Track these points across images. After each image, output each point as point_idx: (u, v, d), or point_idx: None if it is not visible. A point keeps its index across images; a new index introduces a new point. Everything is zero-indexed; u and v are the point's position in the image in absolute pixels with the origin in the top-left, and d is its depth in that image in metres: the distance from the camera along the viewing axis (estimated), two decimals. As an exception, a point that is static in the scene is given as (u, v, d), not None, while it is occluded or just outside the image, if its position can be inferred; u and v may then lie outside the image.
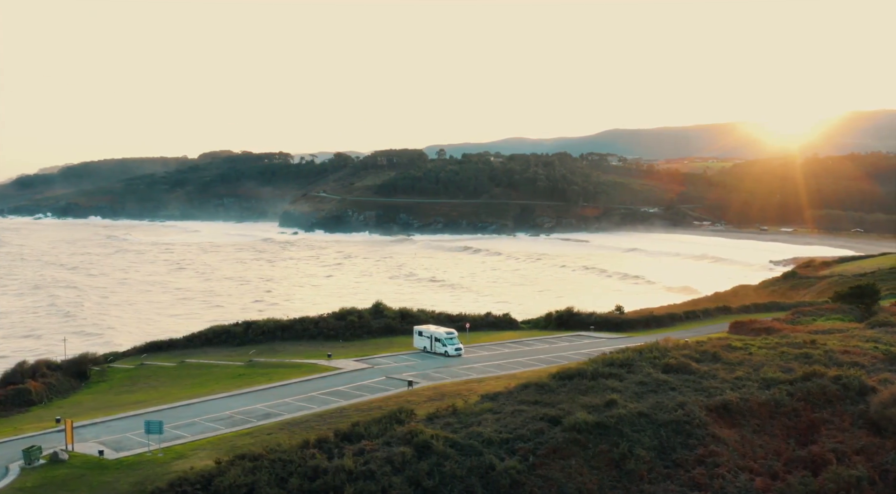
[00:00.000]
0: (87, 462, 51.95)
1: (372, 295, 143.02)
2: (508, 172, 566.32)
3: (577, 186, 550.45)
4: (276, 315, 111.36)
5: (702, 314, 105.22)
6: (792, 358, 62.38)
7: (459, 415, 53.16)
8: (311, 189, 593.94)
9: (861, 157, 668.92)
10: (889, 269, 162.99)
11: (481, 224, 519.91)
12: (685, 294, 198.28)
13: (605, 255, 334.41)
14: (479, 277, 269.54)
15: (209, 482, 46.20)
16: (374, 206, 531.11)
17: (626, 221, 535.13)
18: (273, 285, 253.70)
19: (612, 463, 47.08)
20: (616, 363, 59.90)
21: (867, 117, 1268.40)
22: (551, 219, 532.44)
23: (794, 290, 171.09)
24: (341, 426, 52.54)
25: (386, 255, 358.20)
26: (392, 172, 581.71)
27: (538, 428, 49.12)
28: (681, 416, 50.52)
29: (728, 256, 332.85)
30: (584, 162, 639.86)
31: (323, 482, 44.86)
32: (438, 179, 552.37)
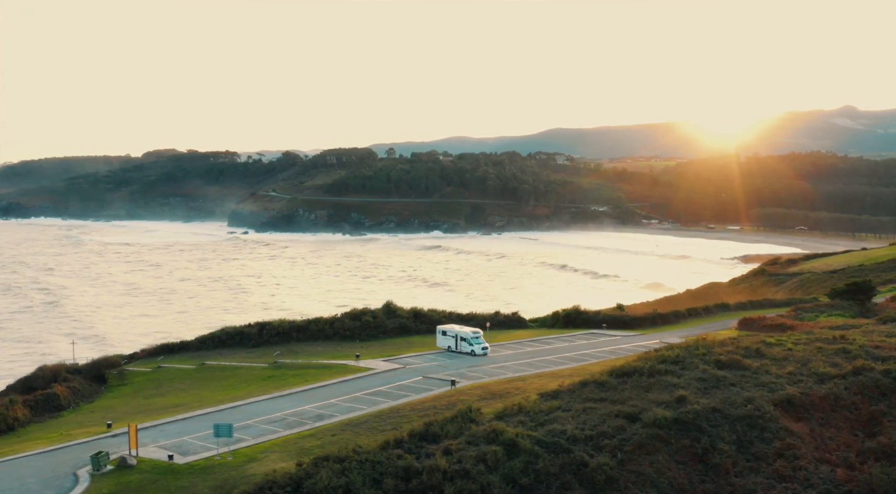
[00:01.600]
0: (156, 467, 51.28)
1: (361, 295, 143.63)
2: (459, 171, 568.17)
3: (527, 185, 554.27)
4: (268, 316, 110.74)
5: (703, 312, 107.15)
6: (832, 353, 64.12)
7: (529, 414, 53.58)
8: (260, 188, 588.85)
9: (801, 156, 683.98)
10: (857, 266, 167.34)
11: (433, 223, 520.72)
12: (659, 291, 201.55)
13: (570, 253, 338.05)
14: (454, 275, 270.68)
15: (299, 484, 45.93)
16: (325, 205, 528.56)
17: (576, 219, 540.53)
18: (258, 284, 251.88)
19: (695, 458, 48.05)
20: (668, 359, 60.92)
21: (801, 118, 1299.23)
22: (503, 218, 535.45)
23: (766, 287, 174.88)
24: (413, 427, 52.56)
25: (355, 254, 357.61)
26: (342, 171, 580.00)
27: (618, 425, 49.84)
28: (752, 411, 51.73)
29: (686, 253, 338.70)
30: (532, 161, 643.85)
31: (419, 482, 44.96)
32: (390, 178, 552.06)
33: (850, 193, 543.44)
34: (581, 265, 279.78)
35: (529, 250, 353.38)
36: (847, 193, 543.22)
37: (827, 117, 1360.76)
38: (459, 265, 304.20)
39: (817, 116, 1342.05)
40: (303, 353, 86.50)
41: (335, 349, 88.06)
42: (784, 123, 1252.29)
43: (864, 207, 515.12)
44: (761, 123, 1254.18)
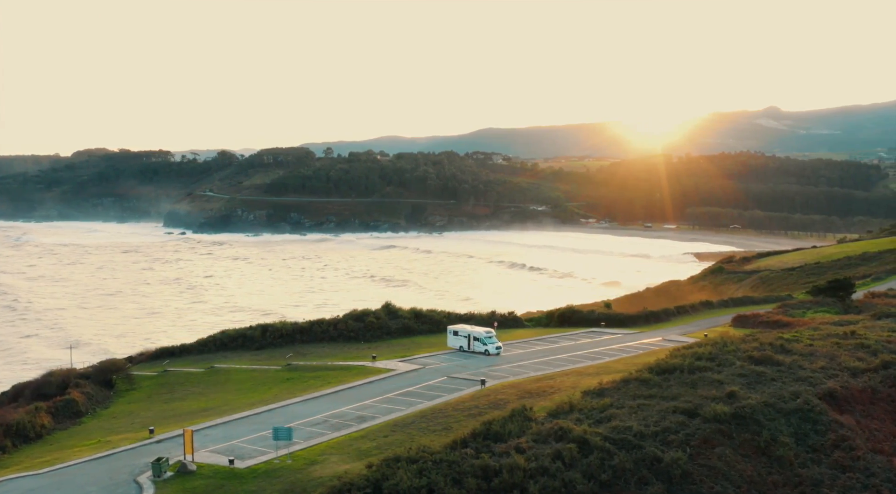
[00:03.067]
0: (218, 472, 50.86)
1: (331, 295, 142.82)
2: (399, 171, 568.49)
3: (467, 184, 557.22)
4: (244, 317, 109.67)
5: (690, 309, 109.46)
6: (851, 349, 66.50)
7: (583, 411, 54.49)
8: (196, 188, 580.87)
9: (731, 156, 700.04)
10: (814, 264, 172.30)
11: (374, 223, 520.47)
12: (617, 289, 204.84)
13: (522, 252, 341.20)
14: (420, 275, 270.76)
15: (378, 485, 46.02)
16: (264, 205, 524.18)
17: (516, 219, 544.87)
18: (221, 285, 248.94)
19: (758, 451, 49.55)
20: (704, 356, 62.54)
21: (727, 118, 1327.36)
22: (443, 217, 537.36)
23: (725, 285, 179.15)
24: (474, 426, 52.92)
25: (311, 255, 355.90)
26: (280, 170, 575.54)
27: (679, 421, 51.09)
28: (802, 404, 53.51)
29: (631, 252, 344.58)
30: (470, 161, 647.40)
31: (501, 480, 45.48)
32: (329, 177, 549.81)
33: (780, 192, 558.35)
34: (537, 264, 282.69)
35: (481, 250, 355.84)
36: (777, 192, 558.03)
37: (752, 118, 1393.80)
38: (419, 265, 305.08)
39: (743, 117, 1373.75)
40: (311, 355, 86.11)
41: (343, 350, 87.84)
42: (711, 123, 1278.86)
43: (795, 206, 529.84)
44: (689, 123, 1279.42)
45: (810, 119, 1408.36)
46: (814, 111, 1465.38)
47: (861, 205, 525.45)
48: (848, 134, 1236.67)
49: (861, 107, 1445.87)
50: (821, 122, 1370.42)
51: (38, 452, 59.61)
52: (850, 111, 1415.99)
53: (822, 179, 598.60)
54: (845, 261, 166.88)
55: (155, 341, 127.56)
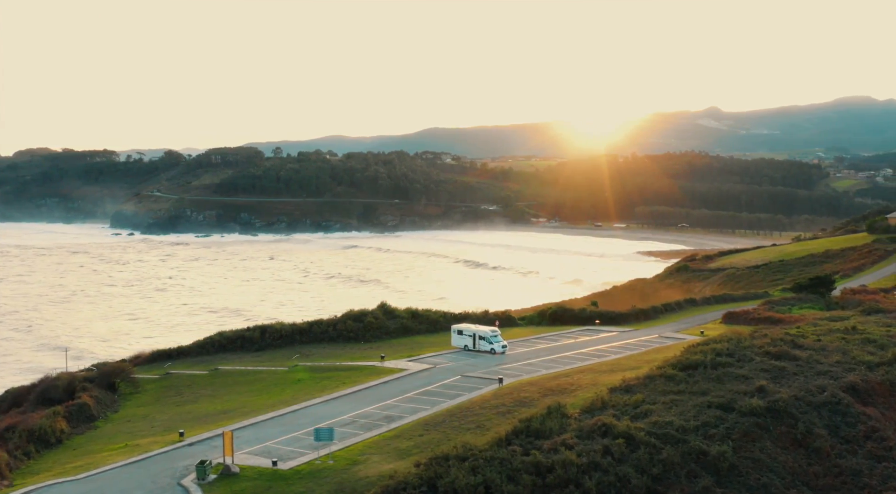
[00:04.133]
0: (262, 474, 50.74)
1: (306, 296, 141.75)
2: (349, 170, 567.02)
3: (418, 184, 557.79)
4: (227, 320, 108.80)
5: (675, 307, 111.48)
6: (858, 343, 68.58)
7: (617, 407, 55.40)
8: (143, 188, 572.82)
9: (676, 156, 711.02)
10: (778, 261, 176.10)
11: (325, 223, 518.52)
12: (584, 287, 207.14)
13: (480, 251, 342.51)
14: (388, 274, 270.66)
15: (433, 484, 46.37)
16: (213, 205, 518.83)
17: (467, 218, 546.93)
18: (192, 287, 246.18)
19: (795, 443, 51.00)
20: (723, 352, 63.95)
21: (669, 118, 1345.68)
22: (395, 217, 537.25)
23: (691, 282, 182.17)
24: (515, 424, 53.39)
25: (272, 254, 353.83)
26: (229, 170, 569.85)
27: (716, 415, 52.32)
28: (829, 398, 55.20)
29: (588, 250, 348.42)
30: (420, 161, 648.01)
31: (555, 476, 46.15)
32: (279, 177, 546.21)
33: (726, 191, 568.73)
34: (500, 263, 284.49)
35: (441, 249, 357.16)
36: (723, 191, 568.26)
37: (693, 118, 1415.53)
38: (385, 264, 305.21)
39: (684, 117, 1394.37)
40: (314, 356, 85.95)
41: (345, 350, 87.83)
42: (653, 123, 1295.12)
43: (740, 205, 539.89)
44: (631, 123, 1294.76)
45: (750, 119, 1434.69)
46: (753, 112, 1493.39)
47: (804, 204, 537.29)
48: (786, 134, 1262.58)
49: (799, 107, 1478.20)
50: (760, 122, 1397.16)
51: (64, 457, 58.75)
52: (789, 112, 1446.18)
53: (766, 178, 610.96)
54: (809, 259, 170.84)
55: (140, 343, 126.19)
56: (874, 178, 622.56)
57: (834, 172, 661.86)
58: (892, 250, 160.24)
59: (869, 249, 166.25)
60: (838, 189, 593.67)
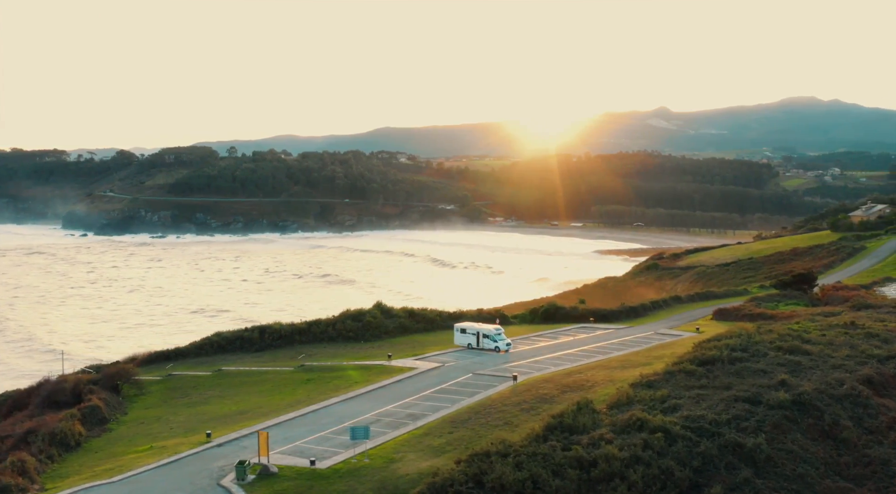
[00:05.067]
0: (301, 473, 50.77)
1: (286, 295, 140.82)
2: (306, 170, 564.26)
3: (375, 184, 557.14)
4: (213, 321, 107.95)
5: (663, 304, 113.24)
6: (862, 338, 70.41)
7: (642, 402, 56.24)
8: (96, 189, 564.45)
9: (629, 155, 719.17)
10: (748, 259, 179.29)
11: (282, 223, 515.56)
12: (552, 285, 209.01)
13: (446, 251, 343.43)
14: (361, 273, 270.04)
15: (478, 480, 46.87)
16: (168, 205, 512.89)
17: (425, 218, 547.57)
18: (175, 287, 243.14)
19: (823, 434, 52.36)
20: (737, 347, 65.28)
21: (619, 118, 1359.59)
22: (352, 217, 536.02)
23: (663, 280, 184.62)
24: (548, 420, 53.88)
25: (239, 254, 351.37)
26: (183, 170, 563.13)
27: (745, 408, 53.50)
28: (849, 390, 56.68)
29: (549, 249, 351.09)
30: (377, 160, 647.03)
31: (600, 470, 46.87)
32: (235, 177, 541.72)
33: (680, 190, 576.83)
34: (465, 262, 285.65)
35: (407, 248, 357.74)
36: (677, 190, 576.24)
37: (643, 118, 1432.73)
38: (355, 264, 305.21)
39: (634, 117, 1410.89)
40: (318, 355, 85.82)
41: (347, 350, 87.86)
42: (603, 123, 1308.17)
43: (693, 204, 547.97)
44: (582, 123, 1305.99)
45: (698, 119, 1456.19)
46: (702, 112, 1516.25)
47: (756, 202, 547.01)
48: (734, 134, 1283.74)
49: (746, 108, 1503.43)
50: (708, 122, 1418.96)
51: (89, 460, 58.12)
52: (736, 112, 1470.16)
53: (717, 177, 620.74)
54: (778, 256, 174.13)
55: (124, 344, 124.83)
56: (822, 177, 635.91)
57: (783, 172, 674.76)
58: (859, 248, 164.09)
59: (836, 246, 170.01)
60: (788, 188, 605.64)
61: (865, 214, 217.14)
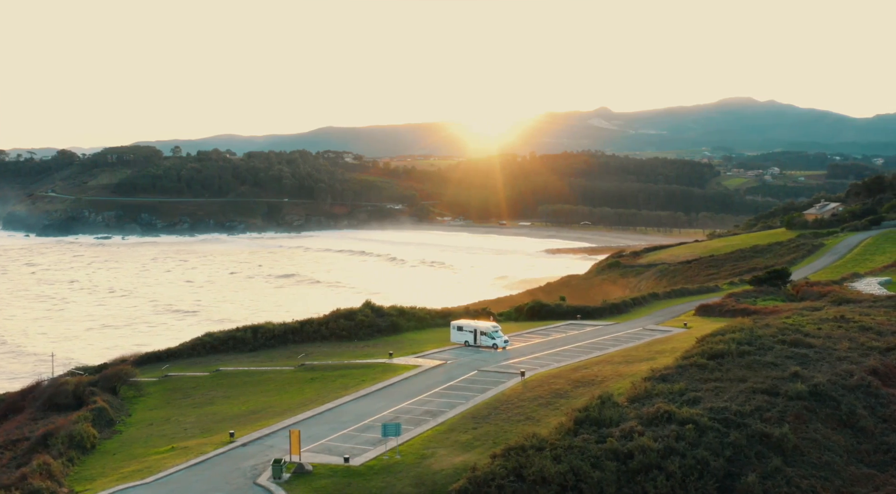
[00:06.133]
0: (336, 471, 51.06)
1: (254, 295, 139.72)
2: (253, 170, 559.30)
3: (323, 183, 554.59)
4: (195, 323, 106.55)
5: (642, 301, 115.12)
6: (856, 331, 72.69)
7: (660, 396, 57.47)
8: (37, 189, 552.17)
9: (574, 155, 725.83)
10: (709, 257, 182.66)
11: (229, 223, 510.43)
12: (513, 285, 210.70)
13: (403, 250, 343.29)
14: (326, 273, 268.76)
15: (518, 473, 47.64)
16: (112, 206, 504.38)
17: (373, 217, 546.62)
18: (142, 287, 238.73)
19: (842, 424, 54.15)
20: (742, 341, 66.93)
21: (561, 118, 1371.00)
22: (300, 217, 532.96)
23: (626, 277, 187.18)
24: (575, 414, 54.63)
25: (196, 253, 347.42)
26: (127, 170, 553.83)
27: (765, 400, 55.09)
28: (859, 381, 58.61)
29: (497, 248, 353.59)
30: (324, 160, 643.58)
31: (638, 462, 47.95)
32: (180, 177, 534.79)
33: (625, 189, 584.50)
34: (422, 260, 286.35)
35: (364, 248, 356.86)
36: (622, 189, 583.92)
37: (584, 118, 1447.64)
38: (318, 264, 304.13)
39: (575, 117, 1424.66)
40: (316, 354, 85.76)
41: (342, 349, 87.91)
42: (545, 123, 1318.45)
43: (638, 202, 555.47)
44: (524, 123, 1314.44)
45: (639, 120, 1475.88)
46: (642, 112, 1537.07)
47: (699, 201, 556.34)
48: (674, 134, 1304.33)
49: (685, 108, 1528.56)
50: (648, 122, 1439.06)
51: (111, 462, 57.53)
52: (675, 112, 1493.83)
53: (661, 177, 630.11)
54: (738, 254, 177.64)
55: (100, 345, 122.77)
56: (763, 176, 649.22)
57: (724, 171, 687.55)
58: (818, 245, 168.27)
59: (796, 244, 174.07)
60: (730, 187, 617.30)
61: (819, 212, 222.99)
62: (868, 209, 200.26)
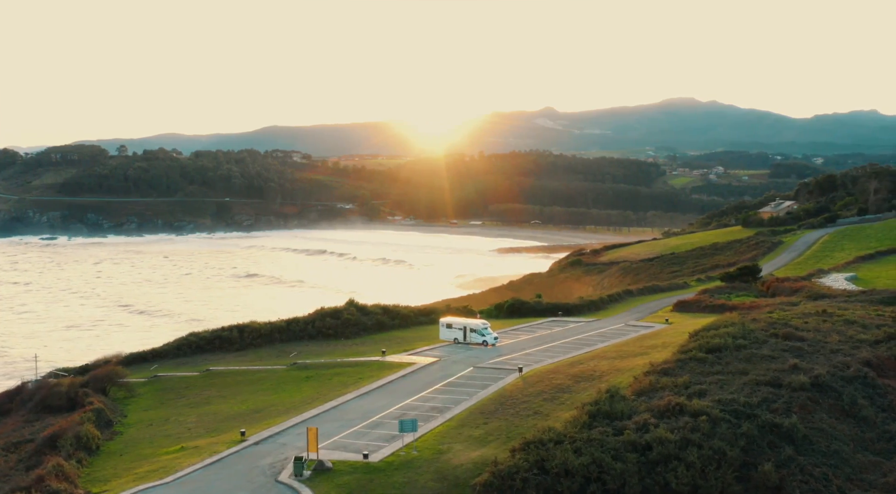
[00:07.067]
0: (356, 467, 51.24)
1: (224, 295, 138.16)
2: (201, 169, 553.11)
3: (273, 183, 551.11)
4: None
5: (617, 298, 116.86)
6: (841, 324, 74.71)
7: (666, 389, 58.59)
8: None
9: (522, 155, 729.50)
10: (670, 254, 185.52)
11: (178, 223, 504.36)
12: (476, 283, 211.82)
13: (359, 249, 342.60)
14: (289, 273, 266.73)
15: (541, 466, 48.31)
16: (58, 206, 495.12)
17: (323, 217, 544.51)
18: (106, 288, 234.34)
19: (844, 413, 55.78)
20: (737, 335, 68.38)
21: (507, 118, 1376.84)
22: (250, 216, 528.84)
23: (590, 275, 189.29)
24: (588, 408, 55.54)
25: (151, 253, 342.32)
26: (73, 169, 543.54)
27: (770, 391, 56.45)
28: (856, 372, 60.37)
29: (450, 247, 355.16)
30: (271, 159, 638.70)
31: (657, 453, 48.88)
32: (127, 176, 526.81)
33: (574, 189, 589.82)
34: (383, 259, 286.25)
35: (323, 247, 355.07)
36: (571, 189, 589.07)
37: (530, 118, 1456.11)
38: (281, 264, 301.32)
39: (521, 117, 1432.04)
40: (306, 353, 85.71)
41: (331, 347, 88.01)
42: (491, 123, 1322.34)
43: (587, 201, 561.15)
44: (470, 122, 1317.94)
45: (584, 120, 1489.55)
46: (586, 112, 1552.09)
47: (646, 200, 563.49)
48: (618, 134, 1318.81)
49: (628, 108, 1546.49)
50: (593, 122, 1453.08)
51: (119, 463, 56.95)
52: (619, 112, 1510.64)
53: (608, 176, 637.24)
54: (699, 251, 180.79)
55: (74, 347, 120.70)
56: (707, 175, 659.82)
57: (670, 171, 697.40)
58: (777, 242, 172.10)
59: (755, 241, 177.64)
60: (676, 186, 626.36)
61: (774, 210, 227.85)
62: (822, 207, 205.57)
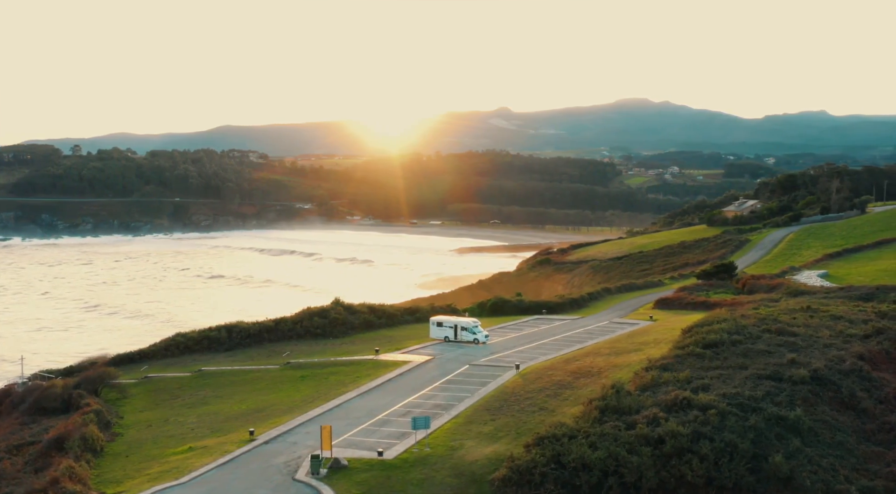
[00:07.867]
0: (372, 465, 51.48)
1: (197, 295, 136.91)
2: (158, 169, 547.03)
3: (231, 183, 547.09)
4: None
5: (597, 295, 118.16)
6: (828, 319, 76.53)
7: (669, 384, 59.60)
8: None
9: (478, 154, 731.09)
10: (638, 252, 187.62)
11: (134, 224, 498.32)
12: (441, 282, 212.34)
13: (325, 248, 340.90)
14: (251, 272, 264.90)
15: (557, 461, 49.00)
16: (10, 206, 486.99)
17: (282, 217, 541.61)
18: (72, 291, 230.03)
19: (844, 406, 57.28)
20: (732, 331, 69.74)
21: (462, 118, 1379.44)
22: (208, 217, 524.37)
23: (560, 274, 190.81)
24: (597, 403, 56.30)
25: (112, 254, 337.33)
26: (25, 169, 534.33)
27: (771, 385, 57.78)
28: (852, 366, 61.96)
29: (412, 246, 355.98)
30: (228, 159, 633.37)
31: (671, 446, 49.76)
32: (82, 176, 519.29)
33: (531, 188, 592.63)
34: (350, 258, 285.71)
35: (278, 246, 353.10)
36: (528, 188, 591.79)
37: (485, 118, 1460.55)
38: (249, 265, 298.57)
39: (476, 117, 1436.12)
40: (297, 352, 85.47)
41: (321, 346, 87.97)
42: (446, 123, 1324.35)
43: (545, 201, 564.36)
44: (425, 122, 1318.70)
45: (538, 120, 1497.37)
46: (541, 112, 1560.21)
47: (603, 200, 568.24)
48: (572, 134, 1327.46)
49: (582, 109, 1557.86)
50: (547, 122, 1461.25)
51: (127, 464, 56.45)
52: (573, 113, 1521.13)
53: (565, 175, 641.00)
54: (668, 250, 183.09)
55: (55, 349, 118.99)
56: (663, 175, 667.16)
57: (626, 170, 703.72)
58: (744, 241, 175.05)
59: (723, 240, 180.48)
60: (632, 186, 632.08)
61: (738, 209, 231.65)
62: (785, 206, 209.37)
